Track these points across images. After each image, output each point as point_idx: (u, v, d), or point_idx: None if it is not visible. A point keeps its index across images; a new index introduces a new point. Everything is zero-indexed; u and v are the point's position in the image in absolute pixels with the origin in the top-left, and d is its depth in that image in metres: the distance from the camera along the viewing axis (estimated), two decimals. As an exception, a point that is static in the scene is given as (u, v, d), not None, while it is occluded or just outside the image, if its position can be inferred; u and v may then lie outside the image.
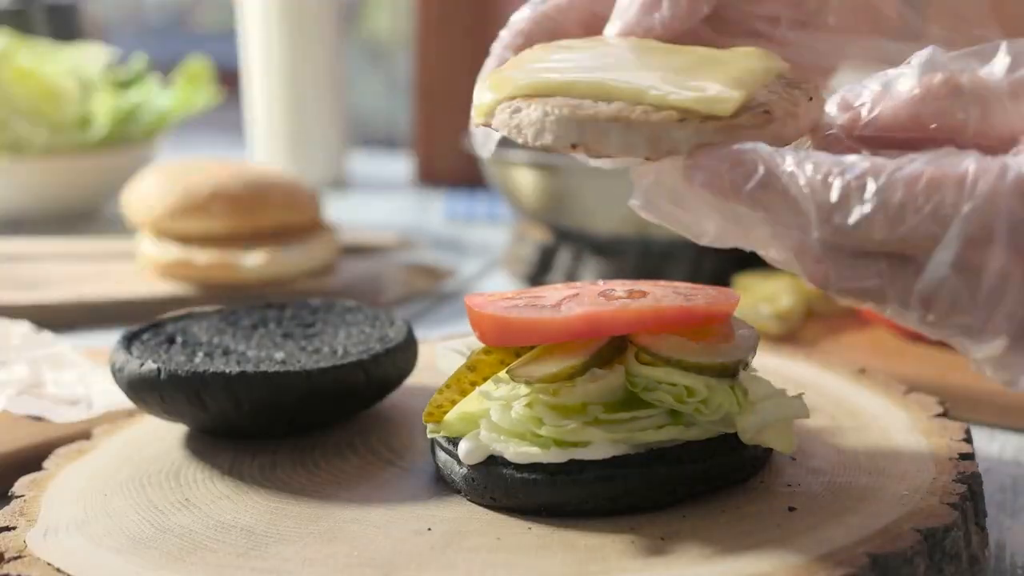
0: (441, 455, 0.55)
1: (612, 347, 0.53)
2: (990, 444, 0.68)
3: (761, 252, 0.47)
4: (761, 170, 0.43)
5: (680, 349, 0.52)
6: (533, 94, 0.48)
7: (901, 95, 0.46)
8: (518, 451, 0.51)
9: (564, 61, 0.50)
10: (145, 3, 4.98)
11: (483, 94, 0.49)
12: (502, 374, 0.54)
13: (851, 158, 0.43)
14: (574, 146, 0.46)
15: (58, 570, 0.48)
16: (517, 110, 0.48)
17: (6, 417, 0.67)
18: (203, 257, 0.99)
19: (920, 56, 0.47)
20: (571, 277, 1.01)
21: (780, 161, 0.43)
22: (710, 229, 0.47)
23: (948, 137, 0.45)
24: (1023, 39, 0.45)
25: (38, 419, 0.67)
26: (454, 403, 0.54)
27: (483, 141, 0.52)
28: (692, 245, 0.86)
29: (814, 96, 0.49)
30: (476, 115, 0.50)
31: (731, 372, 0.52)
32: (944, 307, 0.41)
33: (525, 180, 1.02)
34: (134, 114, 1.40)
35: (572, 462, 0.51)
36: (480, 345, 0.56)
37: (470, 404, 0.55)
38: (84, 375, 0.73)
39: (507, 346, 0.54)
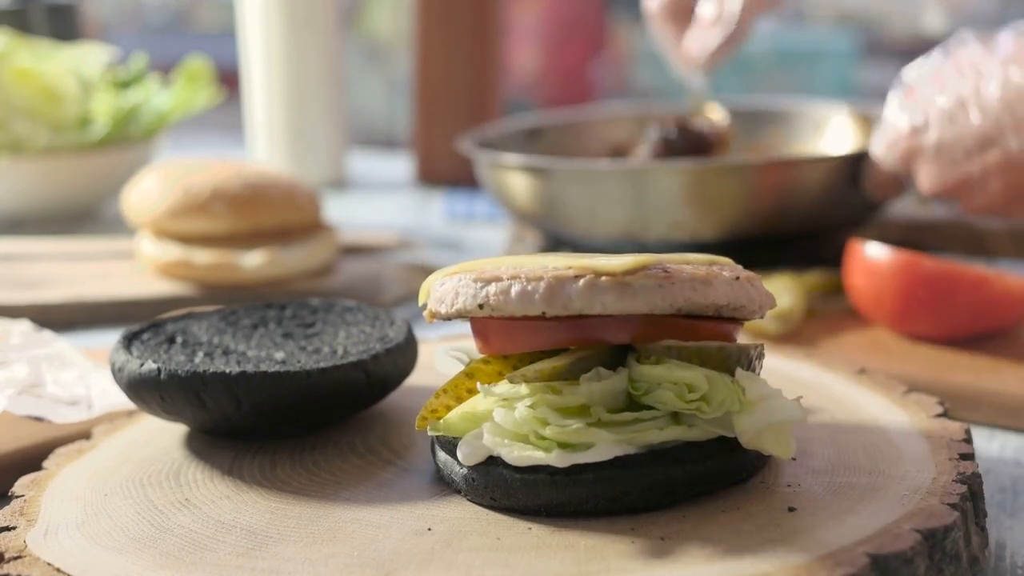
0: (441, 455, 0.55)
1: (614, 348, 0.53)
2: (990, 444, 0.68)
3: None
4: None
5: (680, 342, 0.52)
6: (456, 271, 0.54)
7: None
8: (521, 455, 0.51)
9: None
10: (145, 3, 4.99)
11: (426, 280, 0.57)
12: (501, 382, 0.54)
13: None
14: (481, 306, 0.52)
15: (58, 570, 0.48)
16: (441, 284, 0.54)
17: (6, 417, 0.67)
18: (203, 257, 0.99)
19: None
20: None
21: None
22: None
23: None
24: None
25: (38, 419, 0.67)
26: (449, 409, 0.54)
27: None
28: (687, 249, 0.85)
29: (743, 276, 0.53)
30: (421, 295, 0.57)
31: (731, 362, 0.52)
32: None
33: (519, 184, 1.00)
34: (134, 114, 1.40)
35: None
36: (480, 353, 0.56)
37: (471, 404, 0.55)
38: (84, 375, 0.73)
39: (507, 353, 0.54)
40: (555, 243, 1.04)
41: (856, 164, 0.92)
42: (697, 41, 1.07)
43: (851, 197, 0.94)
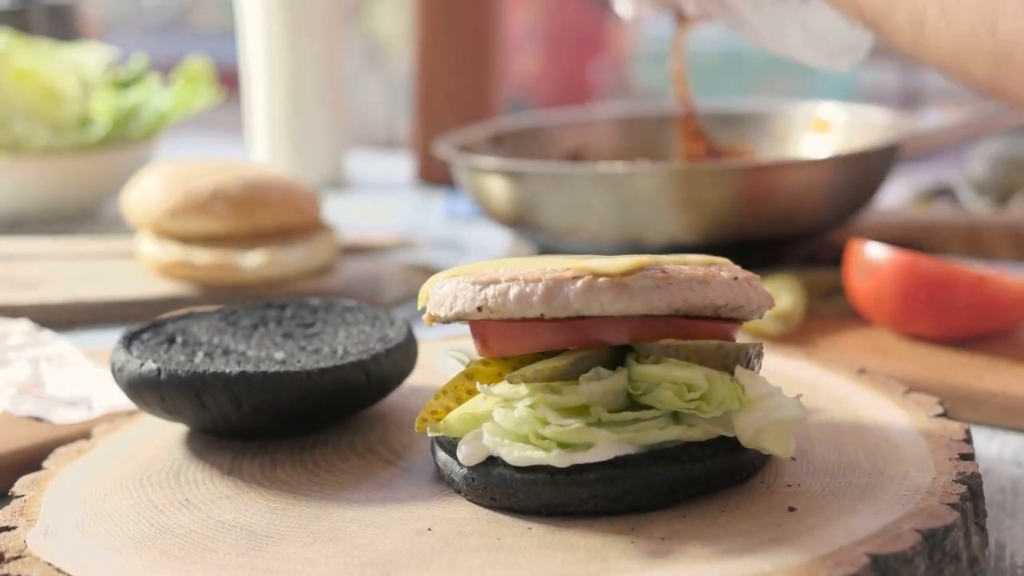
0: (441, 455, 0.55)
1: (613, 348, 0.53)
2: (990, 444, 0.68)
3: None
4: None
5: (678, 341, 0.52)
6: (455, 274, 0.54)
7: None
8: (521, 455, 0.51)
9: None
10: (145, 3, 4.99)
11: (425, 283, 0.57)
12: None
13: None
14: (479, 309, 0.51)
15: (58, 570, 0.48)
16: (440, 287, 0.54)
17: (6, 417, 0.67)
18: (203, 257, 0.99)
19: None
20: None
21: None
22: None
23: None
24: None
25: (38, 419, 0.67)
26: (449, 410, 0.54)
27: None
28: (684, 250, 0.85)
29: (741, 277, 0.53)
30: (420, 299, 0.57)
31: (730, 361, 0.52)
32: None
33: (496, 188, 0.97)
34: (134, 114, 1.40)
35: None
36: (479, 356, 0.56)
37: (471, 405, 0.55)
38: (84, 375, 0.73)
39: (506, 356, 0.54)
40: (538, 249, 1.02)
41: (837, 166, 0.91)
42: None
43: (832, 199, 0.93)
